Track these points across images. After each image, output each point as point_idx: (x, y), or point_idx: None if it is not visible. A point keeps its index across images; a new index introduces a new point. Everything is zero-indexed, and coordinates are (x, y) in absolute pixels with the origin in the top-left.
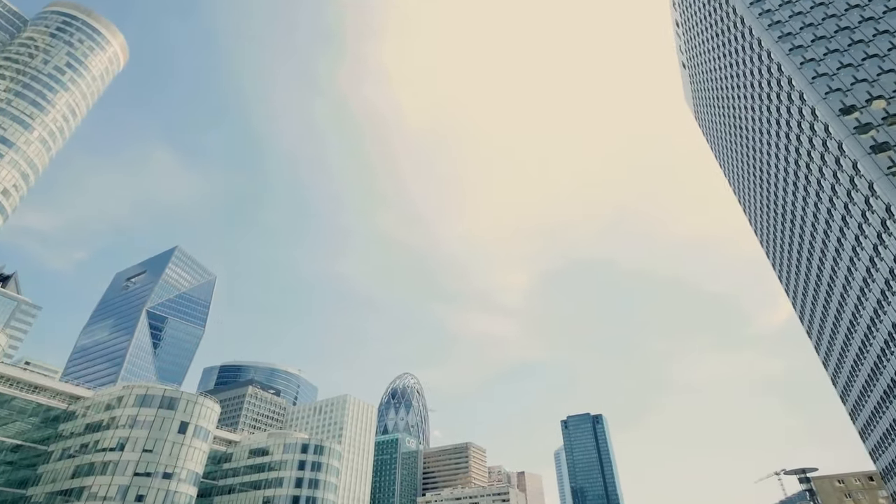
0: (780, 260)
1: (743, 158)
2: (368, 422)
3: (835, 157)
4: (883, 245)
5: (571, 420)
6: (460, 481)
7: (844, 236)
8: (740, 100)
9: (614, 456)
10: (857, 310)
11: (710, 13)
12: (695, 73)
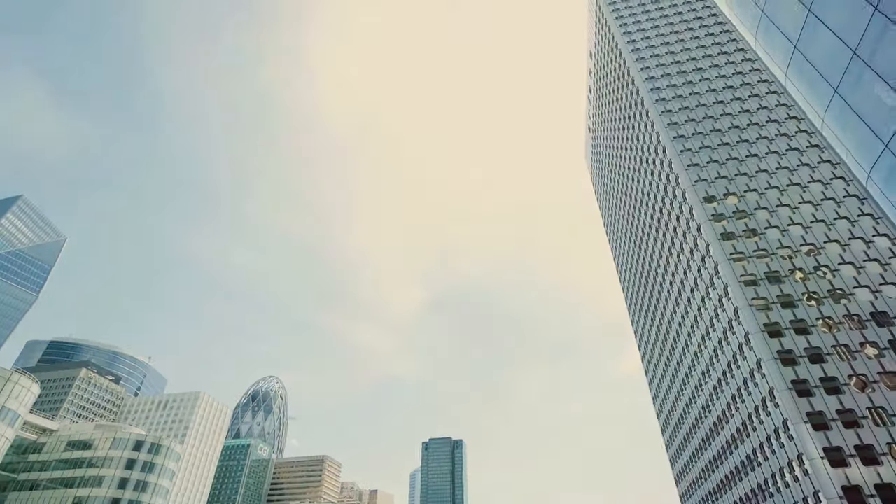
0: (637, 317)
1: (623, 221)
2: (220, 423)
3: (693, 236)
4: (716, 317)
5: (433, 443)
6: (310, 495)
7: (690, 305)
8: (629, 169)
9: (467, 482)
10: (690, 367)
11: (616, 88)
12: (596, 138)
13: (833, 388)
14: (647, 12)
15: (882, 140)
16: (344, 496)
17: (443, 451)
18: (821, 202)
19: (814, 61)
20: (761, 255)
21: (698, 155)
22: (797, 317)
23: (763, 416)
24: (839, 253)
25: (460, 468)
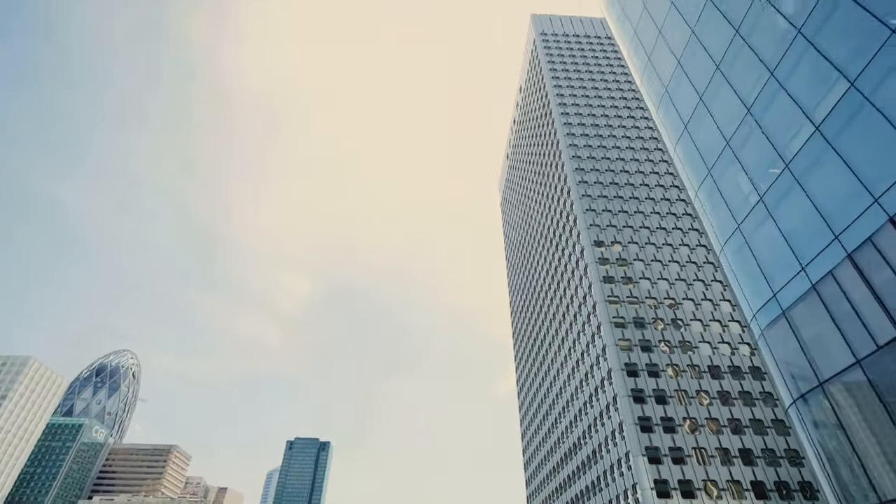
0: (520, 341)
1: (522, 250)
2: (49, 396)
3: (580, 274)
4: (587, 352)
5: (298, 443)
6: (147, 488)
7: (567, 337)
8: (535, 202)
9: (327, 486)
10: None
11: (537, 126)
12: (512, 167)
13: (670, 427)
14: (576, 64)
15: (736, 221)
16: (188, 491)
17: (307, 452)
18: (685, 264)
19: (697, 143)
20: (632, 302)
21: (596, 202)
22: (651, 361)
23: (611, 446)
24: (692, 310)
25: (323, 471)
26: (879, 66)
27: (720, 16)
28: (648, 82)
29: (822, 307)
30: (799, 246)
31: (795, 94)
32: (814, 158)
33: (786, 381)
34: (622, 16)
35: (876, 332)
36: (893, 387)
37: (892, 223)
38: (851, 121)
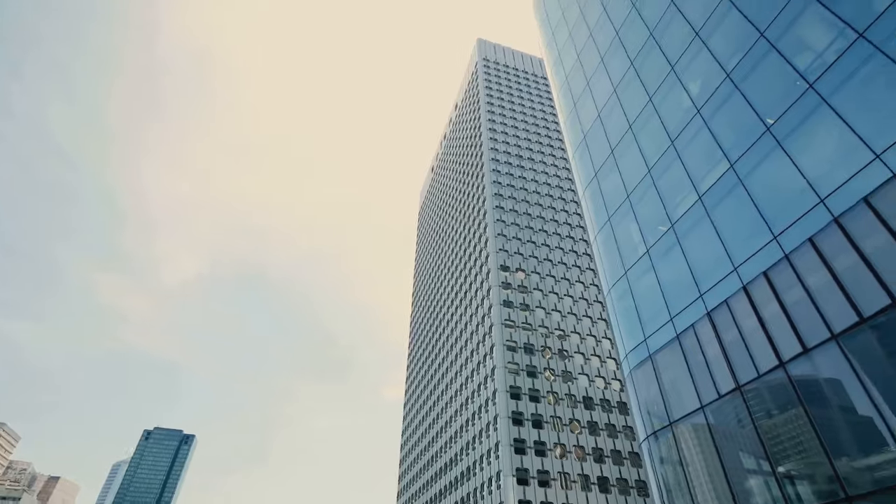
0: (415, 349)
1: (431, 261)
2: None
3: (483, 294)
4: (477, 371)
5: (158, 433)
6: None
7: (461, 353)
8: (452, 219)
9: (183, 483)
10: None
11: (465, 146)
12: (435, 180)
13: (541, 451)
14: (511, 95)
15: (624, 267)
16: (9, 478)
17: (166, 445)
18: (578, 300)
19: (603, 191)
20: (526, 328)
21: (508, 228)
22: (535, 386)
23: (484, 465)
24: (577, 343)
25: (181, 466)
26: (756, 153)
27: (639, 82)
28: (571, 127)
29: (682, 355)
30: (671, 298)
31: (688, 165)
32: (693, 223)
33: (643, 418)
34: (558, 61)
35: (720, 383)
36: (726, 431)
37: (745, 291)
38: (727, 196)
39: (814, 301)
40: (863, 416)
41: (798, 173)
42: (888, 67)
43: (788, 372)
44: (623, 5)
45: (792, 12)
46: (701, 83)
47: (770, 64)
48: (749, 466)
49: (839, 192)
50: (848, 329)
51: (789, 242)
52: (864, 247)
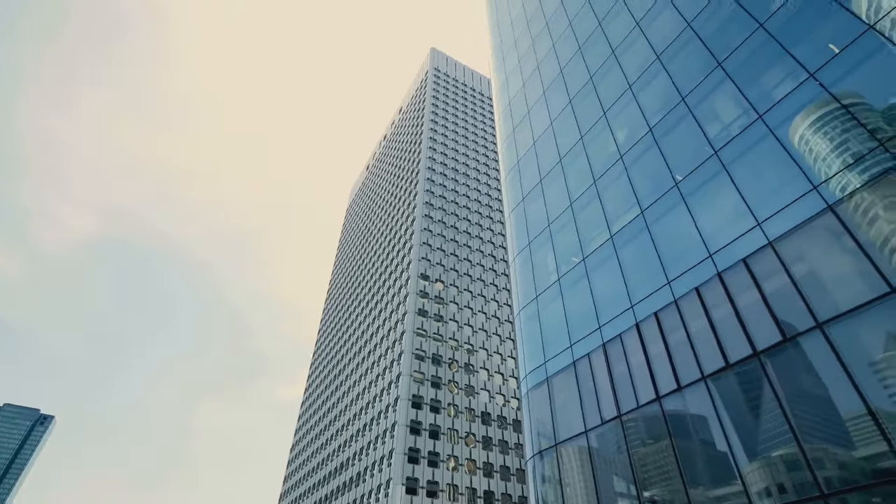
0: (322, 348)
1: (352, 259)
2: None
3: (399, 300)
4: (383, 376)
5: (8, 410)
6: None
7: (368, 356)
8: (379, 219)
9: (33, 466)
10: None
11: (403, 150)
12: (369, 179)
13: (434, 461)
14: (456, 108)
15: (536, 292)
16: None
17: (18, 424)
18: (491, 317)
19: (528, 216)
20: (436, 339)
21: (434, 238)
22: (437, 397)
23: (376, 472)
24: (484, 359)
25: (32, 449)
26: (663, 204)
27: (574, 120)
28: (507, 150)
29: (575, 381)
30: (574, 326)
31: (605, 204)
32: (602, 259)
33: (532, 437)
34: (505, 85)
35: (604, 410)
36: (604, 455)
37: (637, 327)
38: (634, 239)
39: (692, 344)
40: (720, 451)
41: (695, 228)
42: (777, 149)
43: (663, 406)
44: (570, 46)
45: (710, 85)
46: (627, 132)
47: (686, 126)
48: (619, 489)
49: (725, 250)
50: (715, 372)
51: (679, 289)
52: (737, 301)
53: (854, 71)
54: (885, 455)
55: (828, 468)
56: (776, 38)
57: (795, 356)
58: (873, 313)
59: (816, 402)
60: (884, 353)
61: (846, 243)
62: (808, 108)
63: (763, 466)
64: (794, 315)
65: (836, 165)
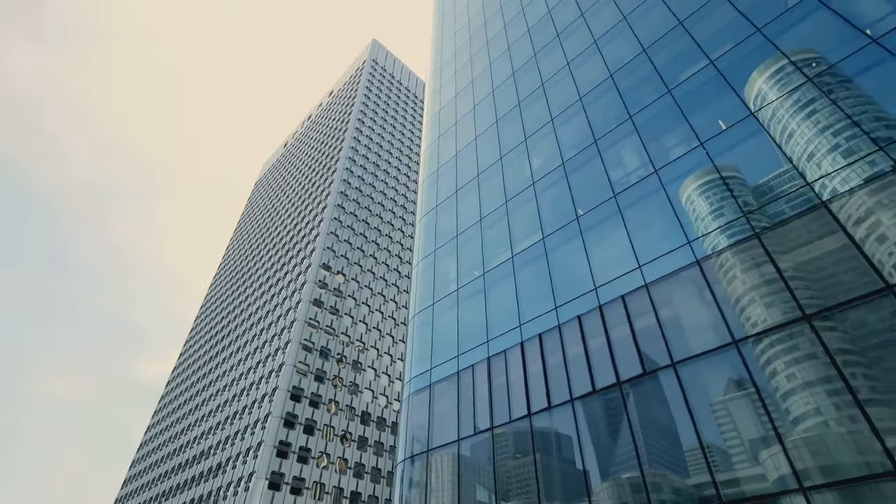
0: (200, 329)
1: (253, 237)
2: None
3: (295, 287)
4: (265, 363)
5: None
6: None
7: (252, 341)
8: (288, 198)
9: None
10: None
11: (326, 134)
12: (285, 156)
13: (304, 457)
14: (387, 105)
15: (433, 298)
16: None
17: None
18: (387, 318)
19: (438, 224)
20: (328, 332)
21: (343, 230)
22: (318, 391)
23: (238, 463)
24: (373, 359)
25: None
26: (563, 234)
27: (497, 140)
28: (430, 156)
29: (457, 390)
30: (463, 337)
31: (512, 225)
32: (501, 277)
33: (407, 441)
34: (437, 92)
35: (479, 421)
36: (472, 465)
37: (521, 346)
38: (532, 262)
39: (567, 367)
40: (577, 469)
41: (586, 261)
42: (664, 203)
43: (532, 422)
44: (505, 70)
45: (620, 133)
46: (542, 161)
47: (594, 167)
48: (481, 498)
49: (608, 285)
50: (582, 396)
51: (564, 315)
52: (611, 333)
53: (735, 147)
54: (708, 484)
55: (664, 493)
56: (679, 104)
57: (651, 389)
58: (717, 360)
59: (664, 432)
60: (723, 396)
61: (705, 295)
62: (697, 172)
63: (612, 486)
64: (656, 352)
65: (710, 226)
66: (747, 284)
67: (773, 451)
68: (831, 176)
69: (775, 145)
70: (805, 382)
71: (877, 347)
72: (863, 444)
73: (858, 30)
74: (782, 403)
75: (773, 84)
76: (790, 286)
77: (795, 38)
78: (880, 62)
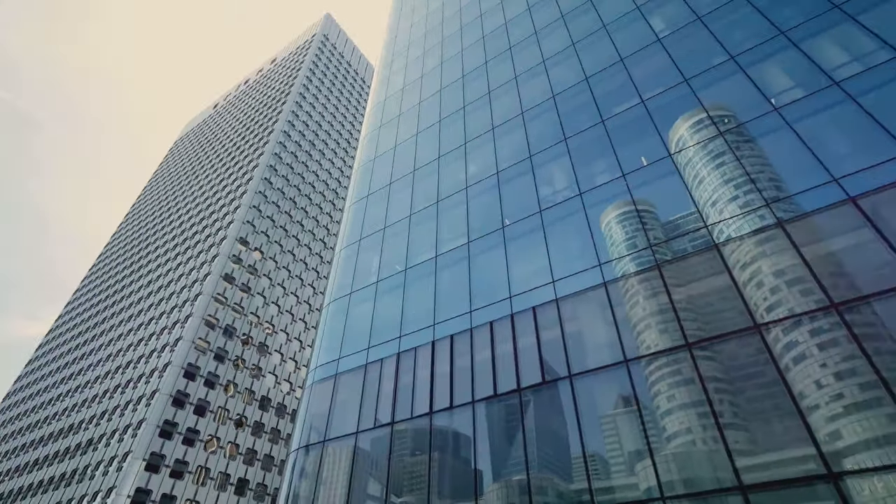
0: (91, 287)
1: (164, 197)
2: None
3: (205, 258)
4: (160, 335)
5: None
6: None
7: (151, 307)
8: (212, 161)
9: None
10: None
11: (262, 103)
12: (214, 116)
13: (191, 440)
14: (332, 84)
15: (352, 288)
16: None
17: None
18: (302, 302)
19: (367, 213)
20: (236, 310)
21: (267, 206)
22: (216, 372)
23: (113, 441)
24: (281, 343)
25: None
26: (488, 241)
27: (437, 139)
28: (368, 144)
29: (363, 383)
30: (377, 331)
31: (440, 226)
32: (422, 275)
33: (304, 430)
34: (385, 81)
35: (380, 415)
36: (368, 458)
37: (432, 344)
38: (455, 264)
39: (473, 370)
40: (471, 469)
41: (506, 269)
42: (583, 225)
43: (433, 420)
44: (455, 72)
45: (554, 153)
46: (478, 167)
47: (526, 181)
48: (372, 492)
49: (522, 295)
50: (484, 398)
51: (478, 319)
52: (519, 341)
53: (652, 183)
54: (585, 491)
55: (548, 496)
56: (610, 135)
57: (549, 398)
58: (609, 376)
59: (556, 438)
60: (612, 410)
61: (607, 315)
62: (618, 202)
63: (502, 488)
64: (557, 363)
65: (622, 252)
66: (647, 310)
67: (645, 464)
68: (727, 222)
69: (686, 188)
70: (682, 404)
71: (743, 378)
72: (718, 462)
73: (765, 97)
74: (661, 421)
75: (693, 132)
76: (679, 316)
77: (716, 93)
78: (778, 129)
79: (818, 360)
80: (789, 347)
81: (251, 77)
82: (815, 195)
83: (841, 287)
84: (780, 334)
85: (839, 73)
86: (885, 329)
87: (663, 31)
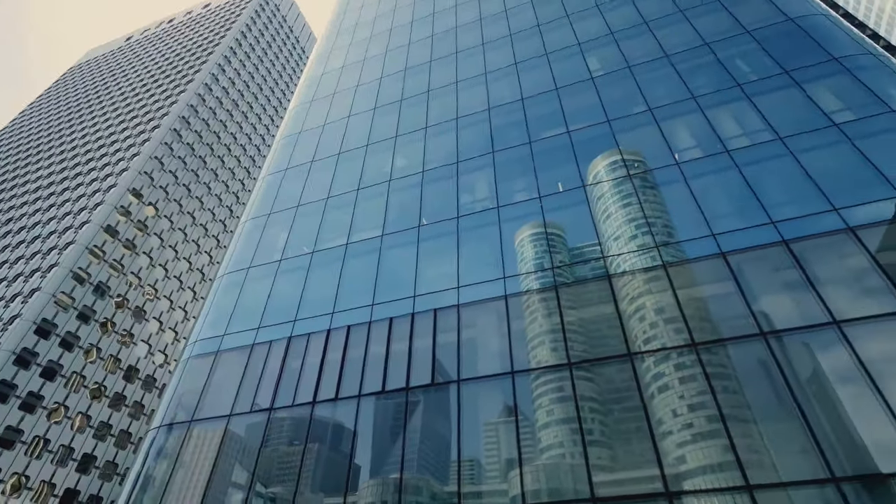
0: None
1: (53, 123)
2: None
3: (85, 205)
4: (14, 280)
5: None
6: None
7: (8, 253)
8: (114, 101)
9: None
10: None
11: (187, 48)
12: (123, 50)
13: (31, 405)
14: (269, 46)
15: (250, 263)
16: None
17: None
18: (194, 270)
19: (282, 187)
20: (114, 267)
21: (172, 160)
22: (77, 332)
23: None
24: (162, 310)
25: None
26: (399, 238)
27: (368, 127)
28: (296, 116)
29: (245, 363)
30: (271, 311)
31: (356, 214)
32: (329, 261)
33: (169, 407)
34: (325, 56)
35: (259, 399)
36: (237, 443)
37: (327, 333)
38: (364, 255)
39: (365, 363)
40: (348, 463)
41: (415, 268)
42: (495, 238)
43: (315, 410)
44: (398, 62)
45: (479, 164)
46: (405, 163)
47: (449, 185)
48: (237, 479)
49: (427, 296)
50: (371, 394)
51: (379, 313)
52: (415, 341)
53: (566, 209)
54: (455, 494)
55: (423, 496)
56: (534, 157)
57: (436, 400)
58: (495, 385)
59: (438, 440)
60: (495, 419)
61: (503, 327)
62: (533, 221)
63: (378, 485)
64: (449, 367)
65: (529, 269)
66: (543, 327)
67: (516, 473)
68: (624, 257)
69: (592, 220)
70: (559, 419)
71: (614, 401)
72: (579, 475)
73: (671, 150)
74: (538, 433)
75: (609, 170)
76: (566, 336)
77: (632, 138)
78: (677, 181)
79: (678, 391)
80: (657, 377)
81: (178, 17)
82: (697, 245)
83: (704, 329)
84: (651, 365)
85: (732, 143)
86: (734, 371)
87: (597, 71)
